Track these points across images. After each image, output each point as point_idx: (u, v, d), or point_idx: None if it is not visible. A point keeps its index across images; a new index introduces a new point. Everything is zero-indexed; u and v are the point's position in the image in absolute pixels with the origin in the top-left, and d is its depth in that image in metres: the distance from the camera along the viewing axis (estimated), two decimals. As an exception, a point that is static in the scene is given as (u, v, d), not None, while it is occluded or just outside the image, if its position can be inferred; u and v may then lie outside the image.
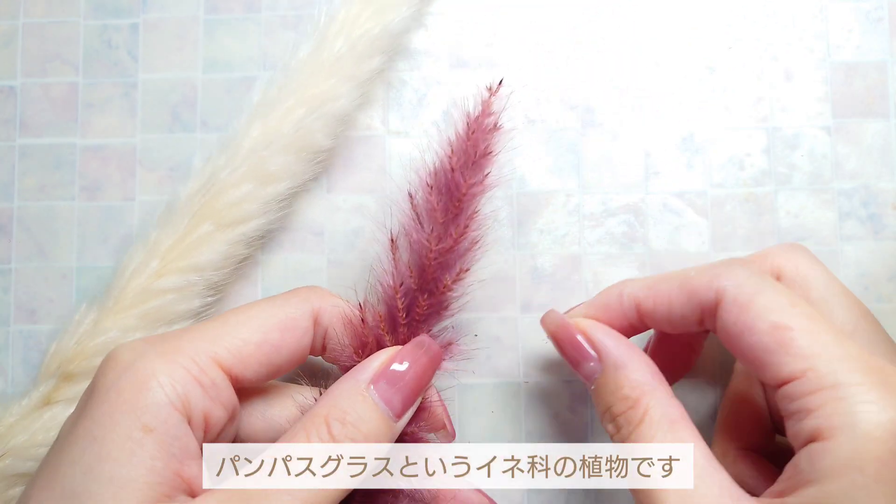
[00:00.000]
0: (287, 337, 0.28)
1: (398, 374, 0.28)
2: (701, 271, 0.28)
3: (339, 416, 0.26)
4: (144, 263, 0.35)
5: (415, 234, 0.30)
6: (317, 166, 0.36)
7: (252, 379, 0.28)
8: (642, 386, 0.27)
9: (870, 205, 0.37)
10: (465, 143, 0.30)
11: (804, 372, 0.25)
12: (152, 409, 0.24)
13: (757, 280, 0.27)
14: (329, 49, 0.36)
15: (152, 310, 0.34)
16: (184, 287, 0.35)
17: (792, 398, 0.25)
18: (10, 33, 0.39)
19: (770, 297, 0.26)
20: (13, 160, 0.39)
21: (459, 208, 0.29)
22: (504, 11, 0.39)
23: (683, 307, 0.29)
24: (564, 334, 0.30)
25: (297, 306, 0.29)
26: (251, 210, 0.35)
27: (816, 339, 0.25)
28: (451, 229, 0.29)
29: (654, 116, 0.38)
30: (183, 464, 0.25)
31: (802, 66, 0.38)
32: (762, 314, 0.26)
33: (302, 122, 0.35)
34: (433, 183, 0.30)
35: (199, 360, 0.26)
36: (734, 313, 0.27)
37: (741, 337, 0.26)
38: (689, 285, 0.28)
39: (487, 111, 0.30)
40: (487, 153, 0.30)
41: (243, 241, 0.35)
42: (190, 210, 0.35)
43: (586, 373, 0.29)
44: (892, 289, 0.37)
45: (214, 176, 0.35)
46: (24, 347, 0.38)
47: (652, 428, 0.26)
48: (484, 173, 0.30)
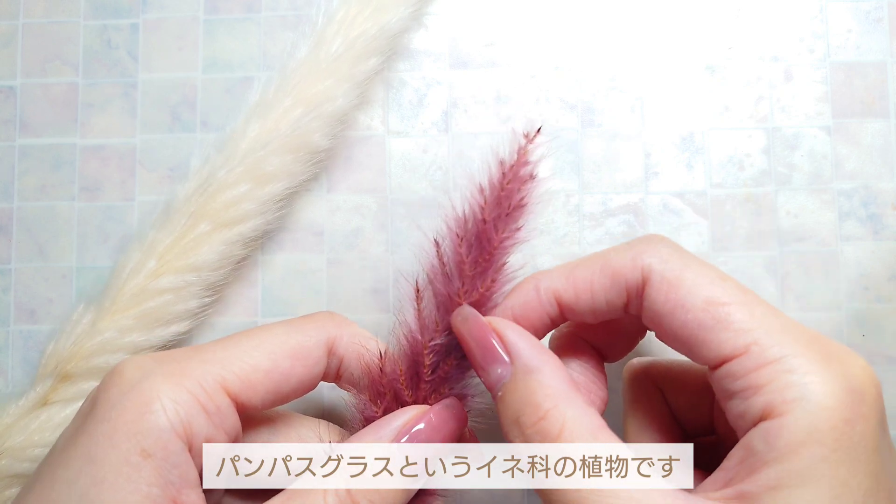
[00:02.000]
0: (298, 365, 0.27)
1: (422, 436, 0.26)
2: (619, 251, 0.27)
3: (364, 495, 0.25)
4: (142, 263, 0.35)
5: (440, 287, 0.28)
6: (314, 166, 0.36)
7: (258, 406, 0.27)
8: (556, 394, 0.25)
9: (870, 205, 0.37)
10: (499, 193, 0.27)
11: (747, 347, 0.24)
12: (153, 434, 0.23)
13: (681, 253, 0.26)
14: (326, 49, 0.36)
15: (150, 310, 0.34)
16: (181, 287, 0.34)
17: (735, 376, 0.24)
18: (10, 33, 0.39)
19: (698, 271, 0.25)
20: (13, 160, 0.39)
21: (490, 262, 0.28)
22: (504, 11, 0.39)
23: (608, 292, 0.27)
24: (478, 334, 0.27)
25: (310, 334, 0.28)
26: (248, 210, 0.35)
27: (753, 312, 0.24)
28: (478, 283, 0.28)
29: (654, 116, 0.38)
30: (181, 492, 0.24)
31: (802, 66, 0.38)
32: (694, 290, 0.25)
33: (299, 123, 0.35)
34: (463, 234, 0.28)
35: (205, 385, 0.25)
36: (663, 291, 0.25)
37: (673, 315, 0.25)
38: (610, 267, 0.26)
39: (524, 160, 0.28)
40: (522, 205, 0.28)
41: (241, 241, 0.35)
42: (187, 210, 0.35)
43: (493, 378, 0.26)
44: (892, 289, 0.37)
45: (212, 176, 0.35)
46: (24, 347, 0.38)
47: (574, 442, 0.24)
48: (517, 226, 0.28)
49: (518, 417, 0.25)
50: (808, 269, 0.37)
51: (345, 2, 0.36)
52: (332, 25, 0.36)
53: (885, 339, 0.36)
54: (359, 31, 0.36)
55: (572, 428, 0.24)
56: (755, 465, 0.23)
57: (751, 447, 0.23)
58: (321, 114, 0.35)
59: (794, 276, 0.37)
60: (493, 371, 0.26)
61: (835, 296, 0.37)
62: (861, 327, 0.36)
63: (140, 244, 0.35)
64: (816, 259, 0.37)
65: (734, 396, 0.24)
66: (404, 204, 0.38)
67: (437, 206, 0.38)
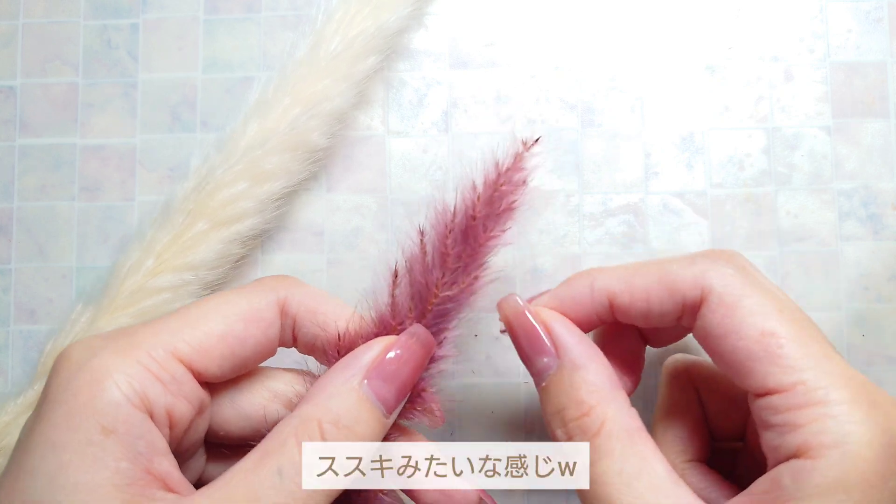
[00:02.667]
0: (251, 328, 0.27)
1: (392, 368, 0.26)
2: (682, 265, 0.27)
3: (332, 419, 0.25)
4: (140, 262, 0.35)
5: (419, 275, 0.29)
6: (313, 165, 0.36)
7: (217, 373, 0.26)
8: (600, 391, 0.26)
9: (870, 205, 0.37)
10: (492, 193, 0.28)
11: (793, 385, 0.24)
12: (110, 410, 0.23)
13: (744, 279, 0.26)
14: (325, 48, 0.36)
15: (147, 308, 0.34)
16: (179, 286, 0.34)
17: (776, 410, 0.24)
18: (10, 33, 0.39)
19: (758, 300, 0.25)
20: (13, 160, 0.39)
21: (473, 258, 0.28)
22: (504, 11, 0.39)
23: (664, 303, 0.27)
24: (522, 323, 0.28)
25: (261, 296, 0.28)
26: (246, 208, 0.35)
27: (805, 350, 0.24)
28: (459, 278, 0.28)
29: (654, 116, 0.38)
30: (152, 461, 0.24)
31: (802, 66, 0.38)
32: (750, 318, 0.25)
33: (297, 121, 0.35)
34: (451, 227, 0.29)
35: (156, 355, 0.25)
36: (720, 314, 0.25)
37: (725, 339, 0.25)
38: (669, 279, 0.27)
39: (519, 165, 0.29)
40: (512, 208, 0.29)
41: (239, 239, 0.35)
42: (185, 208, 0.35)
43: (538, 368, 0.27)
44: (892, 289, 0.37)
45: (210, 174, 0.35)
46: (24, 347, 0.38)
47: (611, 441, 0.25)
48: (504, 227, 0.29)
49: (561, 411, 0.26)
50: (808, 269, 0.37)
51: (344, 1, 0.36)
52: (330, 24, 0.36)
53: (885, 339, 0.36)
54: (357, 31, 0.36)
55: (611, 427, 0.25)
56: (779, 499, 0.23)
57: (779, 481, 0.23)
58: (319, 112, 0.35)
59: (794, 276, 0.37)
60: (539, 362, 0.27)
61: (835, 296, 0.37)
62: (861, 327, 0.36)
63: (139, 243, 0.35)
64: (816, 259, 0.37)
65: (771, 428, 0.24)
66: (404, 204, 0.38)
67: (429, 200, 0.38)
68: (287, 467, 0.24)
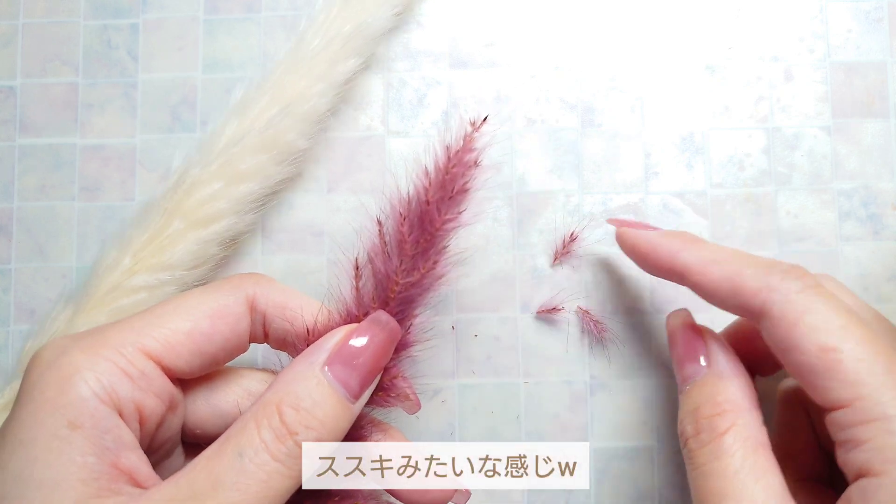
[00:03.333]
0: (219, 324, 0.27)
1: (354, 353, 0.26)
2: (758, 272, 0.27)
3: (292, 403, 0.25)
4: (117, 261, 0.34)
5: (380, 264, 0.29)
6: (291, 167, 0.36)
7: (186, 369, 0.27)
8: (738, 403, 0.27)
9: (870, 205, 0.37)
10: (443, 176, 0.29)
11: (852, 401, 0.24)
12: (77, 405, 0.24)
13: (808, 296, 0.26)
14: (305, 48, 0.36)
15: (124, 307, 0.34)
16: (155, 286, 0.34)
17: (840, 426, 0.24)
18: (10, 33, 0.39)
19: (820, 317, 0.25)
20: (13, 160, 0.39)
21: (431, 243, 0.29)
22: (504, 11, 0.39)
23: (726, 300, 0.28)
24: (686, 335, 0.30)
25: (228, 293, 0.28)
26: (222, 209, 0.34)
27: (866, 365, 0.24)
28: (419, 263, 0.29)
29: (654, 116, 0.38)
30: (119, 456, 0.24)
31: (802, 66, 0.38)
32: (810, 334, 0.25)
33: (273, 121, 0.35)
34: (406, 213, 0.29)
35: (124, 352, 0.25)
36: (782, 329, 0.26)
37: (788, 354, 0.26)
38: (738, 282, 0.27)
39: (469, 146, 0.29)
40: (465, 189, 0.29)
41: (215, 240, 0.35)
42: (162, 207, 0.35)
43: (687, 373, 0.29)
44: (892, 289, 0.37)
45: (186, 173, 0.35)
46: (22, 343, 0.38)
47: (737, 442, 0.26)
48: (459, 209, 0.29)
49: (697, 409, 0.27)
50: (808, 269, 0.37)
51: (328, 3, 0.36)
52: (313, 25, 0.36)
53: (885, 339, 0.36)
54: (335, 31, 0.36)
55: (739, 432, 0.26)
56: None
57: (851, 500, 0.24)
58: (295, 112, 0.35)
59: (794, 276, 0.37)
60: (689, 367, 0.29)
61: (835, 296, 0.37)
62: (861, 327, 0.36)
63: (118, 241, 0.35)
64: (816, 259, 0.37)
65: (840, 445, 0.25)
66: (404, 204, 0.38)
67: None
68: (247, 448, 0.24)
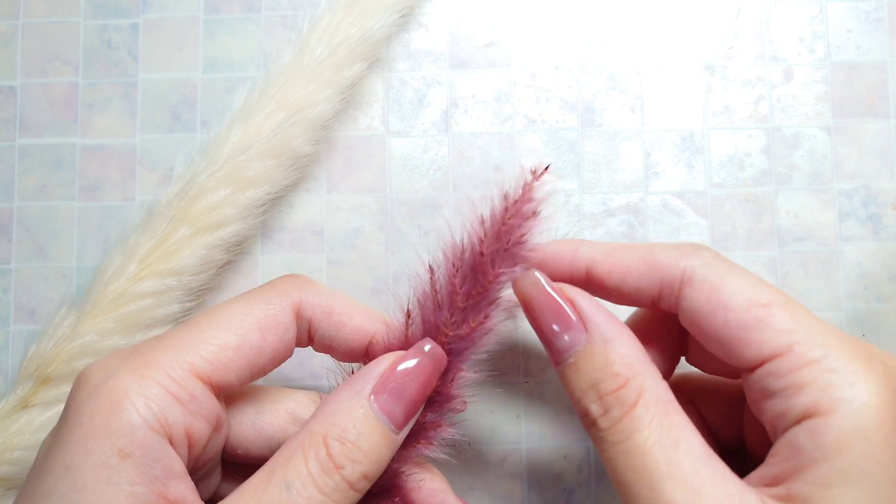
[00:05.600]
0: (268, 336, 0.26)
1: (400, 383, 0.26)
2: (666, 248, 0.27)
3: (337, 435, 0.24)
4: (123, 267, 0.34)
5: (430, 314, 0.28)
6: (297, 171, 0.36)
7: (236, 383, 0.26)
8: (634, 364, 0.26)
9: (870, 205, 0.37)
10: (499, 227, 0.27)
11: (790, 346, 0.24)
12: (127, 433, 0.23)
13: (724, 261, 0.26)
14: (310, 54, 0.35)
15: (130, 314, 0.34)
16: (162, 292, 0.34)
17: (777, 375, 0.24)
18: (10, 33, 0.39)
19: (741, 277, 0.26)
20: (13, 160, 0.39)
21: (483, 296, 0.27)
22: (504, 11, 0.39)
23: (641, 279, 0.27)
24: (545, 299, 0.27)
25: (275, 302, 0.27)
26: (229, 215, 0.35)
27: (795, 314, 0.25)
28: (470, 316, 0.27)
29: (654, 116, 0.38)
30: (167, 486, 0.23)
31: (802, 66, 0.38)
32: (736, 291, 0.25)
33: (281, 128, 0.35)
34: (459, 265, 0.27)
35: (174, 374, 0.24)
36: (706, 291, 0.26)
37: (714, 315, 0.25)
38: (652, 259, 0.27)
39: (528, 196, 0.27)
40: (523, 241, 0.27)
41: (222, 245, 0.35)
42: (168, 214, 0.35)
43: (562, 346, 0.27)
44: (892, 289, 0.37)
45: (193, 180, 0.35)
46: (24, 347, 0.38)
47: (649, 412, 0.25)
48: (514, 262, 0.27)
49: (595, 385, 0.26)
50: (808, 269, 0.37)
51: (330, 7, 0.36)
52: (316, 31, 0.36)
53: (885, 340, 0.36)
54: (342, 37, 0.36)
55: (648, 398, 0.25)
56: (803, 464, 0.23)
57: (796, 445, 0.23)
58: (303, 119, 0.35)
59: (794, 276, 0.37)
60: (561, 338, 0.27)
61: (835, 296, 0.37)
62: (861, 327, 0.36)
63: (122, 247, 0.35)
64: (816, 259, 0.37)
65: (775, 395, 0.24)
66: (404, 204, 0.38)
67: (435, 207, 0.37)
68: (294, 480, 0.24)
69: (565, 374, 0.27)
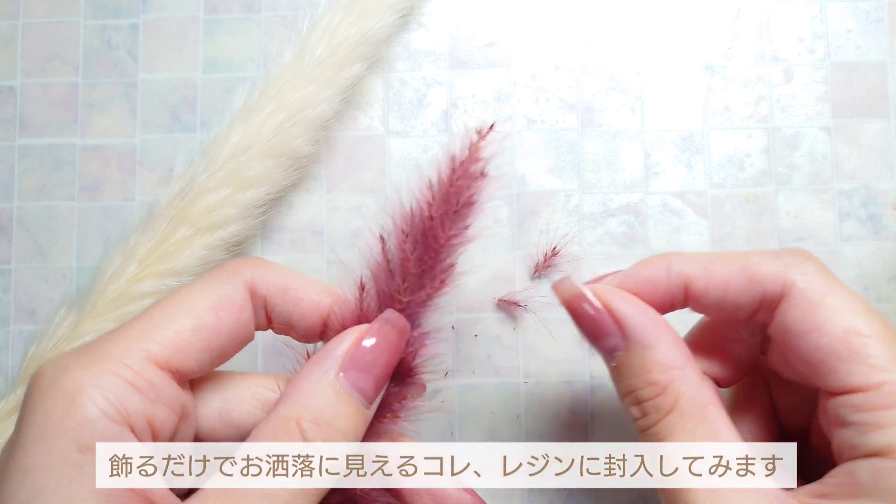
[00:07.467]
0: (224, 316, 0.26)
1: (367, 357, 0.25)
2: (765, 257, 0.26)
3: (311, 418, 0.24)
4: (123, 267, 0.34)
5: (383, 284, 0.27)
6: (297, 172, 0.36)
7: (197, 368, 0.25)
8: (671, 370, 0.25)
9: (870, 205, 0.37)
10: (447, 189, 0.27)
11: (879, 385, 0.23)
12: (86, 426, 0.22)
13: (827, 277, 0.25)
14: (310, 55, 0.36)
15: (130, 314, 0.34)
16: (162, 292, 0.34)
17: (858, 408, 0.24)
18: (10, 33, 0.39)
19: (842, 299, 0.25)
20: (13, 160, 0.39)
21: (435, 260, 0.27)
22: (504, 11, 0.39)
23: (741, 294, 0.26)
24: (582, 306, 0.27)
25: (227, 282, 0.26)
26: (229, 215, 0.35)
27: (891, 350, 0.24)
28: (425, 282, 0.27)
29: (654, 116, 0.38)
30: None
31: (802, 66, 0.38)
32: (834, 315, 0.24)
33: (281, 128, 0.35)
34: (409, 230, 0.27)
35: (129, 362, 0.23)
36: (802, 310, 0.25)
37: (807, 336, 0.25)
38: (751, 270, 0.26)
39: (475, 156, 0.27)
40: (471, 203, 0.27)
41: (222, 246, 0.35)
42: (168, 214, 0.35)
43: (607, 347, 0.26)
44: (892, 289, 0.37)
45: (193, 180, 0.35)
46: (24, 347, 0.38)
47: (683, 417, 0.25)
48: (465, 224, 0.27)
49: (634, 391, 0.26)
50: (808, 269, 0.37)
51: (330, 7, 0.36)
52: (316, 31, 0.36)
53: (885, 339, 0.36)
54: (342, 38, 0.36)
55: (684, 404, 0.25)
56: (855, 493, 0.23)
57: (855, 476, 0.23)
58: (303, 119, 0.35)
59: (794, 276, 0.37)
60: (606, 341, 0.26)
61: (835, 296, 0.37)
62: (861, 327, 0.36)
63: (122, 248, 0.35)
64: (816, 259, 0.37)
65: (850, 426, 0.24)
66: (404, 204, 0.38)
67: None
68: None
69: (612, 374, 0.27)
